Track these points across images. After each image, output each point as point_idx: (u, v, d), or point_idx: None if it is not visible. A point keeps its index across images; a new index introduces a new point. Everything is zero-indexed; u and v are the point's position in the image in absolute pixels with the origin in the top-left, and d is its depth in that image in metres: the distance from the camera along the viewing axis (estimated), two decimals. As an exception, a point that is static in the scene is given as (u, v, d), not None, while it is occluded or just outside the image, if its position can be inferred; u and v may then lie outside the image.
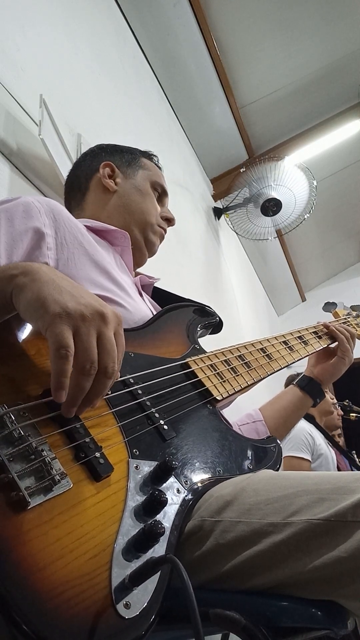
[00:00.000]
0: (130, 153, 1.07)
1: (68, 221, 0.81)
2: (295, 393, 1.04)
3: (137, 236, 1.00)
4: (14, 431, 0.46)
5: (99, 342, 0.49)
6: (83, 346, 0.48)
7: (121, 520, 0.49)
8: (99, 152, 1.07)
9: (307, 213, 3.09)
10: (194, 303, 0.95)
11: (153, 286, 1.07)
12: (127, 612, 0.43)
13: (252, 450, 0.74)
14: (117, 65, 2.03)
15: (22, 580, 0.39)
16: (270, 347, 0.97)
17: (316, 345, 1.10)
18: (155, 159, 1.11)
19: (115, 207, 0.99)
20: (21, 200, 0.76)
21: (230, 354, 0.87)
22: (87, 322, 0.48)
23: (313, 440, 2.48)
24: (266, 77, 2.83)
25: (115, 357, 0.50)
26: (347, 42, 2.75)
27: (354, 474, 0.57)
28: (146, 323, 0.80)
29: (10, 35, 1.25)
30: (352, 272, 5.28)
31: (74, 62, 1.62)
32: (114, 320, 0.52)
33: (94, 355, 0.48)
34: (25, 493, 0.43)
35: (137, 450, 0.57)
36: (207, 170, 3.31)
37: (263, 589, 0.55)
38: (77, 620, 0.40)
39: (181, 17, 2.32)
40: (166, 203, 1.09)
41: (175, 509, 0.55)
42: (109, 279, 0.81)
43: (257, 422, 1.01)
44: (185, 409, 0.70)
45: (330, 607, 0.52)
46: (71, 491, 0.47)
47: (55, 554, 0.42)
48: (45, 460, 0.46)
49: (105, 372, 0.49)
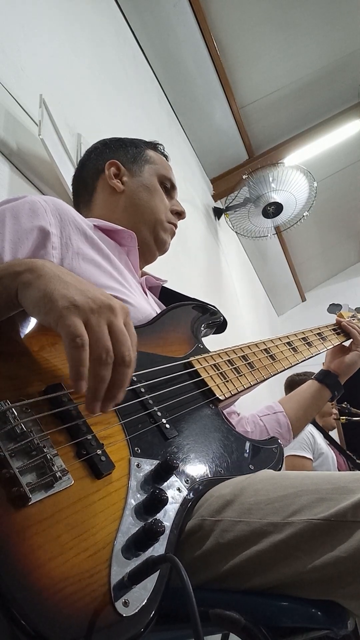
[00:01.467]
0: (134, 146, 1.04)
1: (73, 221, 0.81)
2: (313, 385, 1.07)
3: (147, 235, 0.99)
4: (16, 427, 0.46)
5: (111, 332, 0.49)
6: (96, 336, 0.48)
7: (121, 518, 0.49)
8: (103, 150, 1.05)
9: (306, 211, 3.09)
10: (198, 302, 0.95)
11: (162, 287, 1.06)
12: (126, 610, 0.43)
13: (253, 450, 0.74)
14: (117, 65, 2.03)
15: (21, 576, 0.39)
16: (274, 347, 0.97)
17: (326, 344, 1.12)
18: (160, 147, 1.09)
19: (124, 207, 0.98)
20: (27, 199, 0.76)
21: (233, 354, 0.87)
22: (96, 314, 0.49)
23: (314, 439, 2.50)
24: (266, 77, 2.83)
25: (130, 345, 0.50)
26: (347, 42, 2.75)
27: (353, 474, 0.57)
28: (150, 321, 0.80)
29: (10, 35, 1.25)
30: (352, 272, 5.28)
31: (74, 62, 1.62)
32: (122, 312, 0.52)
33: (108, 343, 0.48)
34: (27, 489, 0.43)
35: (138, 449, 0.57)
36: (207, 170, 3.31)
37: (263, 589, 0.55)
38: (75, 617, 0.40)
39: (181, 17, 2.32)
40: (175, 196, 1.07)
41: (175, 507, 0.55)
42: (112, 279, 0.82)
43: (277, 413, 1.03)
44: (187, 408, 0.70)
45: (330, 607, 0.52)
46: (72, 488, 0.47)
47: (55, 551, 0.42)
48: (46, 457, 0.46)
49: (123, 361, 0.49)
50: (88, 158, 1.06)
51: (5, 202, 0.76)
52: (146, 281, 1.00)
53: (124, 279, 0.85)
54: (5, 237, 0.69)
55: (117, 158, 1.01)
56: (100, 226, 0.91)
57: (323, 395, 1.05)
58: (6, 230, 0.70)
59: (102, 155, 1.03)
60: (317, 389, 1.06)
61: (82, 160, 1.08)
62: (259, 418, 1.02)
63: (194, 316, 0.90)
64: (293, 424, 1.01)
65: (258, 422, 1.02)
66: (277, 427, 1.00)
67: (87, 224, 0.85)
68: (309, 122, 3.18)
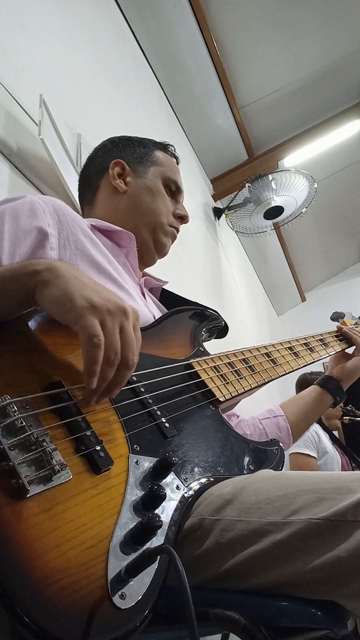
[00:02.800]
0: (143, 146, 1.03)
1: (71, 222, 0.81)
2: (315, 390, 1.07)
3: (146, 238, 0.98)
4: (16, 421, 0.47)
5: (121, 335, 0.53)
6: (109, 338, 0.51)
7: (119, 513, 0.49)
8: (111, 148, 1.04)
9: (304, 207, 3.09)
10: (200, 307, 0.95)
11: (162, 289, 1.06)
12: (123, 603, 0.43)
13: (253, 452, 0.74)
14: (117, 65, 2.03)
15: (18, 567, 0.39)
16: (275, 352, 0.97)
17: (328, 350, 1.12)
18: (171, 149, 1.08)
19: (125, 208, 0.97)
20: (27, 199, 0.77)
21: (234, 357, 0.87)
22: (111, 316, 0.52)
23: (319, 437, 2.51)
24: (266, 77, 2.83)
25: (135, 350, 0.54)
26: (347, 42, 2.76)
27: (353, 474, 0.57)
28: (152, 324, 0.81)
29: (10, 35, 1.25)
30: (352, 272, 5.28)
31: (74, 62, 1.62)
32: (133, 316, 0.55)
33: (117, 345, 0.52)
34: (25, 481, 0.43)
35: (137, 446, 0.58)
36: (207, 170, 3.31)
37: (263, 589, 0.55)
38: (72, 608, 0.40)
39: (181, 17, 2.32)
40: (180, 200, 1.06)
41: (174, 504, 0.56)
42: (109, 280, 0.82)
43: (278, 416, 1.02)
44: (187, 409, 0.70)
45: (330, 607, 0.52)
46: (71, 482, 0.48)
47: (52, 543, 0.42)
48: (45, 451, 0.47)
49: (127, 364, 0.53)
50: (95, 155, 1.06)
51: (5, 202, 0.76)
52: (146, 282, 1.00)
53: (122, 280, 0.85)
54: (4, 236, 0.69)
55: (124, 158, 1.00)
56: (98, 226, 0.91)
57: (325, 400, 1.05)
58: (5, 230, 0.70)
59: (109, 154, 1.02)
60: (319, 394, 1.05)
61: (90, 157, 1.07)
62: (258, 421, 1.02)
63: (196, 320, 0.91)
64: (293, 428, 1.01)
65: (258, 425, 1.02)
66: (276, 431, 1.00)
67: (85, 225, 0.85)
68: (309, 122, 3.17)
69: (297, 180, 2.91)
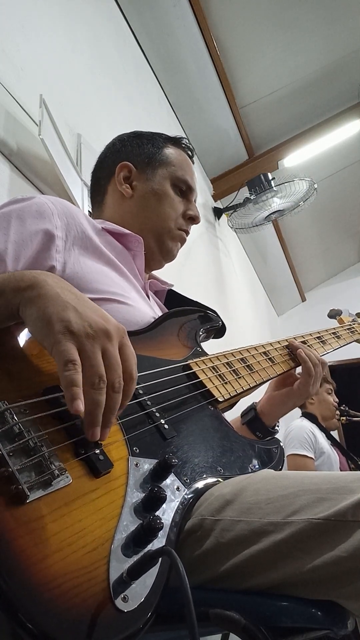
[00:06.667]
0: (152, 144, 1.00)
1: (79, 224, 0.80)
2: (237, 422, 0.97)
3: (152, 244, 0.96)
4: (14, 426, 0.47)
5: (104, 357, 0.50)
6: (89, 362, 0.48)
7: (120, 516, 0.49)
8: (119, 148, 1.01)
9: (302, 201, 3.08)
10: (198, 308, 0.95)
11: (169, 290, 1.05)
12: (125, 606, 0.43)
13: (253, 451, 0.74)
14: (117, 65, 2.03)
15: (19, 571, 0.39)
16: (273, 350, 0.97)
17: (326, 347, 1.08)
18: (185, 142, 1.04)
19: (132, 213, 0.96)
20: (35, 200, 0.76)
21: (232, 357, 0.87)
22: (90, 340, 0.49)
23: (315, 438, 2.50)
24: (266, 77, 2.83)
25: (120, 373, 0.51)
26: (347, 42, 2.76)
27: (353, 474, 0.57)
28: (149, 326, 0.80)
29: (10, 35, 1.25)
30: (352, 272, 5.28)
31: (74, 62, 1.62)
32: (117, 335, 0.52)
33: (101, 369, 0.49)
34: (25, 487, 0.43)
35: (137, 448, 0.58)
36: (207, 170, 3.31)
37: (263, 589, 0.55)
38: (74, 612, 0.40)
39: (181, 17, 2.32)
40: (192, 199, 1.02)
41: (174, 506, 0.55)
42: (114, 283, 0.81)
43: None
44: (186, 409, 0.70)
45: (330, 607, 0.52)
46: (70, 486, 0.47)
47: (53, 547, 0.42)
48: (44, 455, 0.47)
49: (113, 387, 0.50)
50: (105, 156, 1.04)
51: (14, 202, 0.75)
52: (151, 285, 1.00)
53: (127, 283, 0.85)
54: (9, 238, 0.69)
55: (131, 159, 0.98)
56: (109, 229, 0.90)
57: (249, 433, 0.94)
58: (11, 231, 0.69)
59: (117, 155, 1.00)
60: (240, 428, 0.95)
61: (100, 158, 1.05)
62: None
63: (193, 321, 0.91)
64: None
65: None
66: None
67: (94, 227, 0.85)
68: (309, 122, 3.18)
69: (298, 187, 2.93)
